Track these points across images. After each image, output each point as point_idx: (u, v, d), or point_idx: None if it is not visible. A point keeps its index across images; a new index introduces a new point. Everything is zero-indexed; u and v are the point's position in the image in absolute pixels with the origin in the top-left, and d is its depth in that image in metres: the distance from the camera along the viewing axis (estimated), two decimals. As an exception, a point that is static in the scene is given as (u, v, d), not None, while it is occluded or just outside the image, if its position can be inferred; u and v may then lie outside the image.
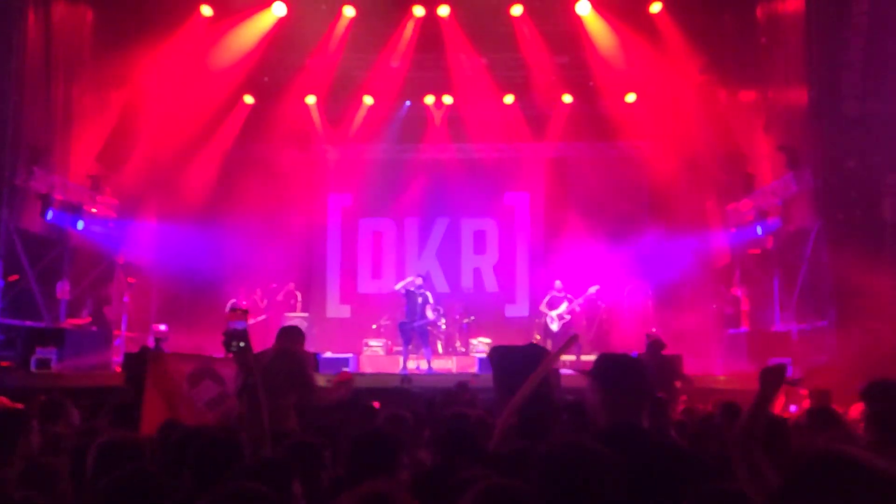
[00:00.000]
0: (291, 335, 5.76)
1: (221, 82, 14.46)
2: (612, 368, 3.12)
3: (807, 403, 7.21)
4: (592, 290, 14.02)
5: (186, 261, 14.87)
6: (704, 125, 13.76)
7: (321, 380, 11.55)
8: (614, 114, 15.40)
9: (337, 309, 16.86)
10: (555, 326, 13.89)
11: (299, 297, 15.76)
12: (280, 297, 15.45)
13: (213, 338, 13.65)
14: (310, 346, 15.28)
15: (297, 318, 15.35)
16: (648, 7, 13.56)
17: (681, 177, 14.51)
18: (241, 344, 4.27)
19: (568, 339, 4.33)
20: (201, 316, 13.98)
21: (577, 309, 13.97)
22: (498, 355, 6.59)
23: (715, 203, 14.35)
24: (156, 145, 14.59)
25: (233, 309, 4.91)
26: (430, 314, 13.54)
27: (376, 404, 6.91)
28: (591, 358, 14.01)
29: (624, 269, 15.06)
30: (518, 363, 3.81)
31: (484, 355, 14.07)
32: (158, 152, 14.68)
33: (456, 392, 8.09)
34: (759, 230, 12.53)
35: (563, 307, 13.85)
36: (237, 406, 5.08)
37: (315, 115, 16.20)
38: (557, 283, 14.12)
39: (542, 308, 14.15)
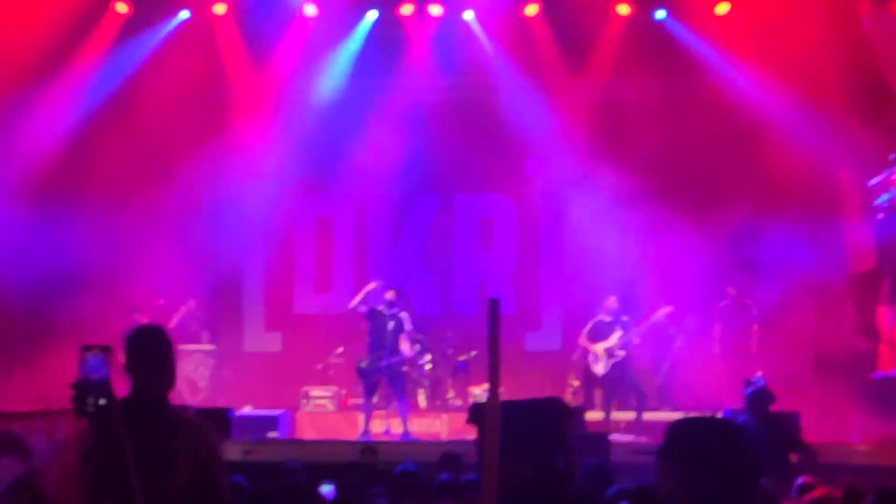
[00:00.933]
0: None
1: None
2: (699, 441, 3.14)
3: None
4: (662, 313, 14.08)
5: (19, 261, 14.82)
6: (837, 52, 13.81)
7: (235, 450, 11.76)
8: (696, 33, 15.42)
9: (260, 339, 16.95)
10: (600, 368, 13.97)
11: (202, 321, 15.79)
12: (175, 323, 15.48)
13: (62, 382, 13.75)
14: (217, 397, 15.55)
15: (198, 351, 15.41)
16: None
17: (798, 132, 14.55)
18: (102, 402, 4.23)
19: None
20: (44, 348, 13.94)
21: (637, 341, 14.05)
22: (497, 416, 6.59)
23: (851, 174, 14.37)
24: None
25: (87, 347, 4.72)
26: (405, 348, 13.58)
27: (327, 492, 6.94)
28: (661, 417, 14.22)
29: (709, 277, 15.10)
30: (531, 432, 3.76)
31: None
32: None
33: (441, 467, 8.15)
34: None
35: (615, 338, 13.93)
36: (54, 492, 5.04)
37: (226, 32, 16.24)
38: (610, 301, 14.18)
39: (583, 340, 14.22)
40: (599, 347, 13.95)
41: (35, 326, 15.21)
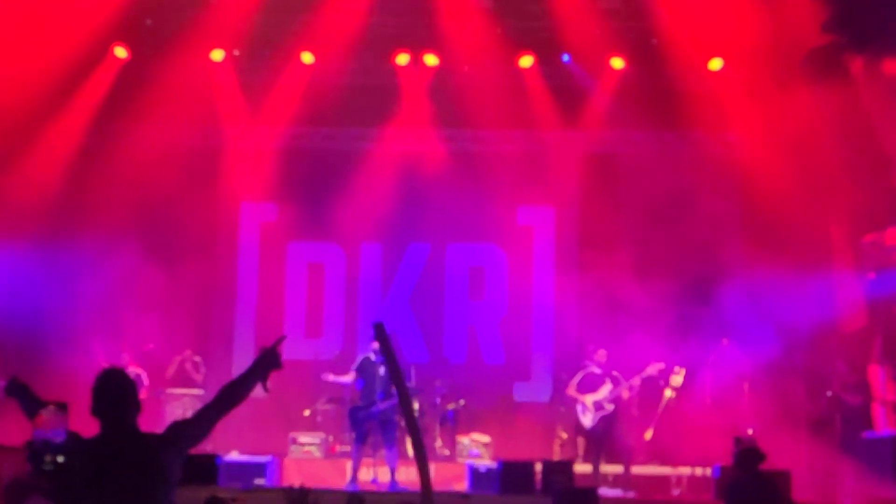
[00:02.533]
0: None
1: (79, 24, 14.46)
2: None
3: None
4: (653, 368, 13.98)
5: (11, 300, 14.75)
6: (828, 110, 13.86)
7: (224, 498, 11.60)
8: (689, 88, 15.50)
9: (249, 384, 16.79)
10: (588, 420, 13.87)
11: (200, 373, 15.71)
12: (171, 372, 15.46)
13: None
14: (207, 444, 15.34)
15: (186, 396, 15.30)
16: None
17: (791, 189, 14.57)
18: (60, 459, 4.23)
19: None
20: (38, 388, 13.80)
21: (627, 395, 13.95)
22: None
23: (845, 232, 14.38)
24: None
25: (43, 404, 4.76)
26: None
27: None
28: (650, 472, 14.11)
29: (700, 333, 15.06)
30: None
31: (480, 462, 14.04)
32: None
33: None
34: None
35: (605, 391, 13.83)
36: None
37: (224, 79, 16.27)
38: (600, 354, 14.11)
39: (571, 391, 14.13)
40: (588, 399, 13.86)
41: (28, 366, 15.06)
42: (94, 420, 4.92)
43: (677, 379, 14.10)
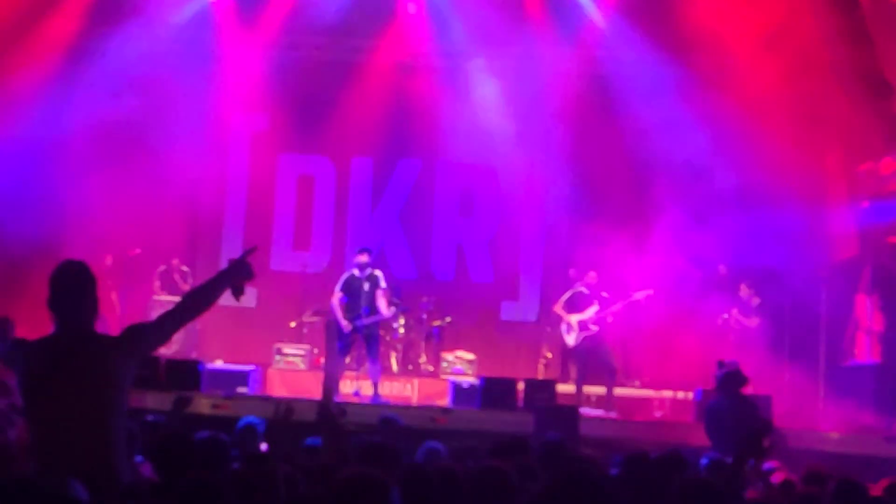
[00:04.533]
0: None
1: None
2: None
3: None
4: (642, 294, 13.89)
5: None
6: (829, 33, 13.67)
7: (204, 404, 11.61)
8: (686, 8, 15.28)
9: (235, 294, 16.76)
10: (571, 339, 13.83)
11: (187, 282, 15.63)
12: (158, 279, 15.41)
13: (32, 321, 13.68)
14: (192, 352, 15.43)
15: (172, 302, 15.20)
16: None
17: (783, 114, 14.42)
18: None
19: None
20: (19, 289, 13.80)
21: (611, 319, 13.87)
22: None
23: (839, 160, 14.26)
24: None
25: None
26: (382, 305, 13.35)
27: (264, 447, 6.83)
28: (631, 393, 14.11)
29: (689, 257, 14.99)
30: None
31: (463, 378, 14.04)
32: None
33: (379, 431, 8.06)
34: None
35: (591, 312, 13.75)
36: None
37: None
38: (591, 275, 14.03)
39: (559, 309, 14.06)
40: (574, 318, 13.80)
41: (10, 267, 15.01)
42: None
43: (641, 294, 13.99)
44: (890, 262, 13.61)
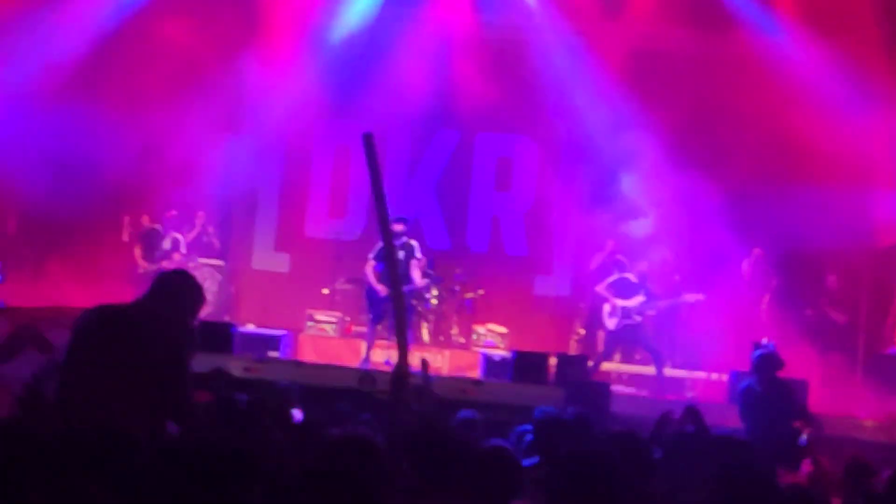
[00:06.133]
0: (169, 289, 5.46)
1: None
2: None
3: None
4: (691, 297, 13.84)
5: (37, 163, 14.72)
6: (880, 14, 13.53)
7: (236, 367, 11.67)
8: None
9: (269, 258, 16.86)
10: (612, 323, 13.73)
11: (214, 238, 15.69)
12: (190, 236, 15.44)
13: (75, 281, 13.79)
14: (225, 315, 15.51)
15: (206, 266, 15.31)
16: None
17: (830, 97, 14.28)
18: None
19: None
20: (56, 246, 13.94)
21: (653, 313, 13.84)
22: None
23: (885, 145, 14.14)
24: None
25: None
26: (416, 276, 13.36)
27: (297, 413, 6.86)
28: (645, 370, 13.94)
29: (729, 239, 14.89)
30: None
31: (495, 351, 14.04)
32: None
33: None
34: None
35: (636, 301, 13.64)
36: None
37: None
38: (641, 264, 13.98)
39: (602, 289, 13.95)
40: (619, 302, 13.68)
41: (50, 227, 15.15)
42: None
43: (692, 298, 13.96)
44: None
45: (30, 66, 14.90)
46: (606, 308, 13.84)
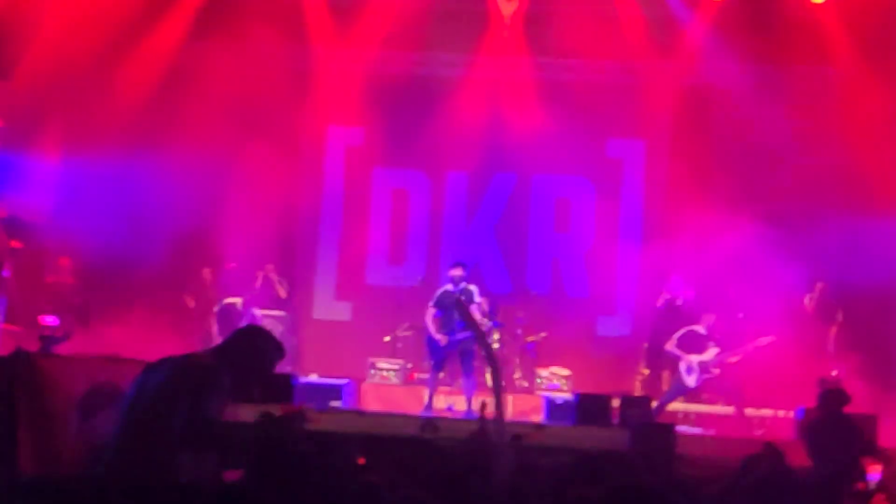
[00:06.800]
0: (240, 343, 5.61)
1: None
2: None
3: None
4: (764, 340, 13.69)
5: (103, 217, 15.00)
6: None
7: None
8: (790, 20, 15.05)
9: (330, 307, 16.95)
10: (692, 381, 13.57)
11: (283, 288, 15.80)
12: (258, 285, 15.55)
13: (138, 337, 13.96)
14: (286, 366, 15.51)
15: (268, 316, 15.42)
16: None
17: (889, 132, 14.15)
18: None
19: None
20: (122, 303, 14.12)
21: (734, 360, 13.69)
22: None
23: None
24: (61, 42, 14.67)
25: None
26: (479, 321, 13.40)
27: (361, 461, 6.83)
28: (729, 411, 13.78)
29: (792, 272, 14.73)
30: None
31: (558, 394, 13.96)
32: (65, 53, 14.77)
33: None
34: None
35: (711, 354, 13.53)
36: None
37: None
38: (708, 317, 13.86)
39: (672, 346, 13.82)
40: (694, 359, 13.54)
41: (115, 280, 15.38)
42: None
43: (764, 341, 13.80)
44: None
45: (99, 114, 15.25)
46: (682, 366, 13.67)
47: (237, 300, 15.41)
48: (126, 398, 5.12)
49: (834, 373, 11.83)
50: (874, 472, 9.03)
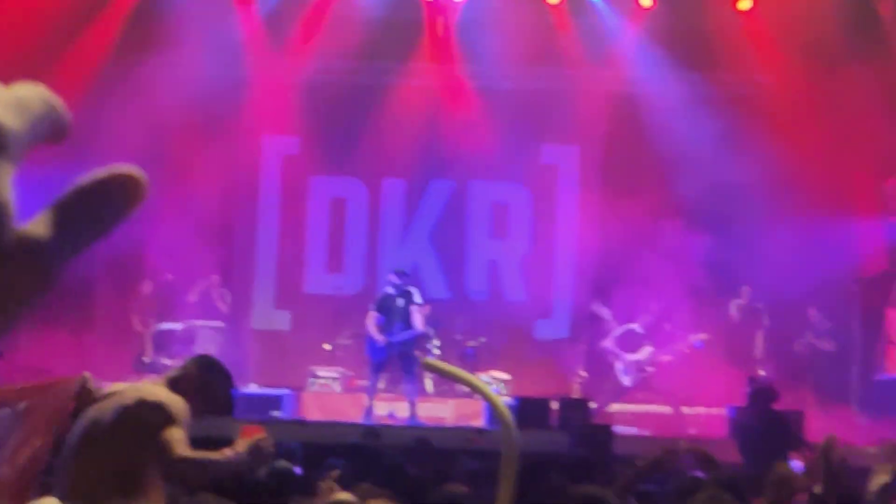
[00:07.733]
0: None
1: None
2: None
3: None
4: (696, 339, 13.99)
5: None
6: (861, 51, 13.69)
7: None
8: (717, 28, 15.37)
9: (269, 317, 16.97)
10: (628, 381, 13.87)
11: (224, 300, 15.77)
12: (195, 298, 15.49)
13: (70, 356, 13.88)
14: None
15: (207, 328, 15.40)
16: None
17: (816, 133, 14.47)
18: None
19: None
20: (53, 321, 14.03)
21: (668, 359, 13.98)
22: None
23: (868, 177, 14.25)
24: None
25: None
26: (418, 321, 13.51)
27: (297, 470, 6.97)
28: (658, 410, 13.99)
29: (716, 274, 15.05)
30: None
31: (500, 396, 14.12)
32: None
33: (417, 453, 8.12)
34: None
35: (646, 353, 13.81)
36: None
37: (246, 10, 16.37)
38: (645, 317, 14.16)
39: (609, 344, 14.09)
40: (630, 358, 13.82)
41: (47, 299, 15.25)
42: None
43: (697, 339, 14.09)
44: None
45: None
46: (619, 366, 13.92)
47: (176, 325, 15.35)
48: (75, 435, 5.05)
49: (761, 372, 12.11)
50: (799, 464, 9.29)
